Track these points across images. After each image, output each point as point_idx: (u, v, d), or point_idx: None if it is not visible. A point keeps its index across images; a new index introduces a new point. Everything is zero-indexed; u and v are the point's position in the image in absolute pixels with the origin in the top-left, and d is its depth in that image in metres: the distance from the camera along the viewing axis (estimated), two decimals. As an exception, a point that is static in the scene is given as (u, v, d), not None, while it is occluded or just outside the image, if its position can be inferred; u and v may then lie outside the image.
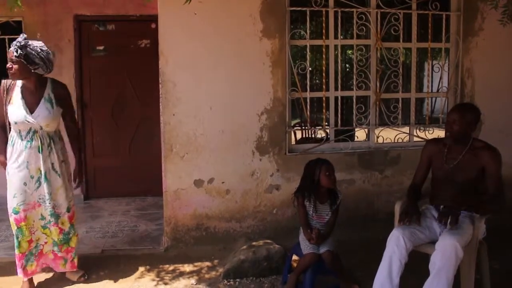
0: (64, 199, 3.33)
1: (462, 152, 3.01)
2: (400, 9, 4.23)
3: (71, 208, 3.38)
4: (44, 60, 3.13)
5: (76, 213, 3.48)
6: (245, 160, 4.07)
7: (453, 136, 3.00)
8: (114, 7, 5.36)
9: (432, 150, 3.18)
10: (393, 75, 4.35)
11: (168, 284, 3.45)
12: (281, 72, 4.04)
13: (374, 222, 4.13)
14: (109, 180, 5.69)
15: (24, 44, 3.06)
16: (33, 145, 3.18)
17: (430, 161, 3.20)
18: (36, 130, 3.18)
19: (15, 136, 3.20)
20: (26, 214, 3.23)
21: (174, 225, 4.05)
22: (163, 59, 3.88)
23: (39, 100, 3.19)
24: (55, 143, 3.28)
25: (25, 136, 3.18)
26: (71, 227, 3.40)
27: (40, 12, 5.24)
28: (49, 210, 3.27)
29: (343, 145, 4.33)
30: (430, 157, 3.19)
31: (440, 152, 3.11)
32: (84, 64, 5.52)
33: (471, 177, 2.98)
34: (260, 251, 3.58)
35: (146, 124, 5.61)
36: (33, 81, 3.18)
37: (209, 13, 3.88)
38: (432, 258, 2.75)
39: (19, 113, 3.14)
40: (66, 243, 3.39)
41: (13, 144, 3.20)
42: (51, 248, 3.38)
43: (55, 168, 3.27)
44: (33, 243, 3.31)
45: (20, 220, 3.22)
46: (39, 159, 3.20)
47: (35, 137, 3.18)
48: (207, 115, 3.97)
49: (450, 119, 3.01)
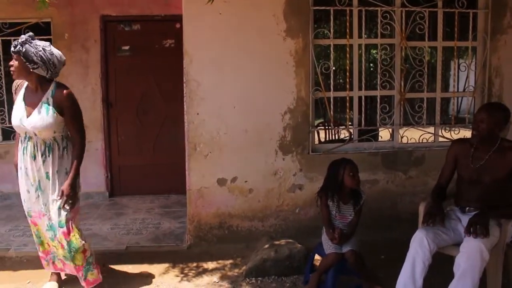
0: (55, 213, 3.03)
1: (489, 152, 2.95)
2: (425, 8, 4.17)
3: (65, 224, 3.03)
4: (44, 61, 2.92)
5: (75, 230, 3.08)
6: (268, 160, 4.08)
7: (480, 135, 2.93)
8: (139, 7, 5.44)
9: (458, 150, 3.12)
10: (418, 74, 4.29)
11: (191, 281, 3.49)
12: (304, 71, 4.03)
13: (397, 223, 4.09)
14: (134, 178, 5.78)
15: (25, 41, 2.90)
16: (28, 151, 3.04)
17: (456, 162, 3.14)
18: (31, 136, 3.02)
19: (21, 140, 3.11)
20: (36, 220, 3.15)
21: (197, 223, 4.09)
22: (187, 59, 3.92)
23: (38, 103, 2.98)
24: (52, 152, 3.03)
25: (23, 141, 3.07)
26: (69, 244, 3.04)
27: (68, 13, 5.34)
28: (47, 222, 3.09)
29: (366, 145, 4.30)
30: (456, 157, 3.13)
31: (467, 152, 3.05)
32: (110, 63, 5.62)
33: (498, 178, 2.92)
34: (282, 250, 3.59)
35: (170, 123, 5.68)
36: (34, 82, 2.99)
37: (234, 12, 3.91)
38: (456, 260, 2.71)
39: (16, 115, 3.01)
40: (71, 260, 3.10)
41: (19, 149, 3.12)
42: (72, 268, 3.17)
43: (49, 178, 3.05)
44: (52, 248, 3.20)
45: (34, 223, 3.18)
46: (33, 166, 3.04)
47: (30, 143, 3.03)
48: (230, 114, 4.00)
49: (477, 118, 2.95)
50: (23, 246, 4.11)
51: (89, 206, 5.40)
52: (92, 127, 5.58)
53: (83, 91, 5.52)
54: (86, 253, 3.14)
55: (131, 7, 5.44)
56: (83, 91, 5.52)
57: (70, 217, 3.05)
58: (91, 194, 5.64)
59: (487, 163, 2.95)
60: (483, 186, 2.95)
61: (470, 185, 3.01)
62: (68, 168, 3.06)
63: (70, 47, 5.42)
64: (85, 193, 5.56)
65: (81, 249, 3.09)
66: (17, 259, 3.88)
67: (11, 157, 5.45)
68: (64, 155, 3.09)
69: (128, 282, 3.48)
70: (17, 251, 3.99)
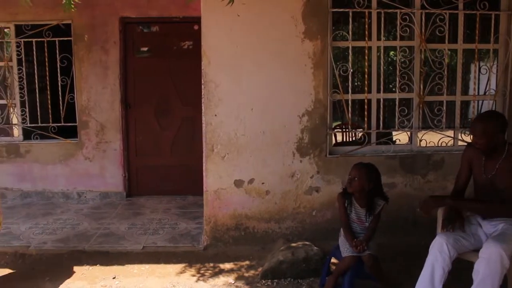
0: None
1: (499, 161, 2.87)
2: (446, 10, 4.12)
3: None
4: None
5: None
6: (286, 161, 4.07)
7: (482, 150, 2.89)
8: (158, 9, 5.48)
9: (472, 156, 3.05)
10: (438, 77, 4.24)
11: (207, 281, 3.50)
12: (322, 73, 4.02)
13: (415, 227, 4.05)
14: (151, 178, 5.83)
15: None
16: None
17: (470, 166, 3.08)
18: None
19: None
20: None
21: (214, 224, 4.10)
22: (205, 60, 3.94)
23: None
24: None
25: None
26: None
27: (88, 15, 5.42)
28: None
29: (384, 148, 4.27)
30: (470, 162, 3.07)
31: (479, 160, 2.98)
32: (129, 65, 5.67)
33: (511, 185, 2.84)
34: (299, 252, 3.58)
35: (188, 124, 5.71)
36: None
37: (252, 14, 3.91)
38: (476, 266, 2.66)
39: None
40: None
41: None
42: None
43: None
44: None
45: None
46: None
47: None
48: (248, 115, 4.00)
49: (474, 134, 2.89)
50: (42, 243, 4.17)
51: (107, 205, 5.47)
52: (111, 127, 5.65)
53: (102, 92, 5.60)
54: None
55: (150, 9, 5.49)
56: (102, 92, 5.60)
57: None
58: (109, 194, 5.70)
59: (498, 172, 2.88)
60: (500, 192, 2.88)
61: (486, 191, 2.95)
62: None
63: (90, 48, 5.50)
64: (103, 193, 5.68)
65: None
66: (37, 257, 3.93)
67: (31, 156, 5.60)
68: None
69: (144, 281, 3.50)
70: (36, 249, 4.06)
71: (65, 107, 5.56)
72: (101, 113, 5.62)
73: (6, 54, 5.54)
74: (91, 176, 5.69)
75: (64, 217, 5.00)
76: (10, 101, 5.58)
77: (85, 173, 5.67)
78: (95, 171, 5.70)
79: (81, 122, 5.65)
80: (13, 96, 5.60)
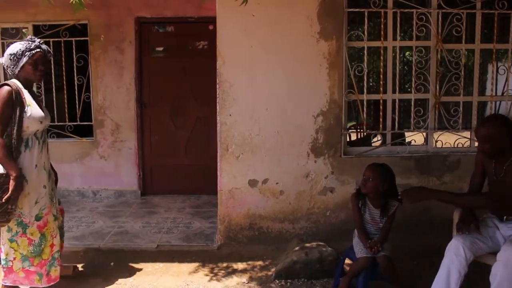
0: (57, 198, 3.33)
1: (506, 163, 2.79)
2: (463, 9, 4.08)
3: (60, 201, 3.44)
4: None
5: None
6: (300, 162, 4.06)
7: (488, 155, 2.84)
8: (173, 9, 5.51)
9: (483, 158, 2.98)
10: (454, 77, 4.19)
11: (220, 281, 3.51)
12: (337, 74, 4.01)
13: (430, 229, 4.01)
14: (166, 177, 5.86)
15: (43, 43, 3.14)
16: (45, 145, 3.17)
17: (483, 168, 3.03)
18: (45, 130, 3.18)
19: (31, 140, 3.04)
20: (47, 218, 3.13)
21: (228, 224, 4.11)
22: (220, 60, 3.95)
23: (41, 103, 3.18)
24: None
25: (41, 136, 3.11)
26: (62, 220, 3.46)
27: (104, 15, 5.47)
28: (55, 206, 3.26)
29: (400, 149, 4.24)
30: (483, 164, 3.02)
31: (490, 163, 2.93)
32: (144, 65, 5.72)
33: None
34: (313, 253, 3.57)
35: (203, 124, 5.74)
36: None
37: (267, 14, 3.92)
38: (493, 269, 2.63)
39: (40, 111, 3.07)
40: (63, 235, 3.44)
41: (29, 148, 3.02)
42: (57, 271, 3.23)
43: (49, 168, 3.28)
44: (55, 247, 3.18)
45: (43, 226, 3.10)
46: (48, 157, 3.23)
47: (45, 137, 3.19)
48: (262, 115, 4.01)
49: (479, 138, 2.83)
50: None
51: (122, 204, 5.52)
52: (126, 126, 5.69)
53: (117, 92, 5.65)
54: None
55: (165, 9, 5.52)
56: (118, 92, 5.64)
57: None
58: (124, 193, 5.75)
59: (506, 175, 2.80)
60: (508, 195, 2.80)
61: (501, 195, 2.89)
62: None
63: (106, 48, 5.55)
64: (117, 191, 5.73)
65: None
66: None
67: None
68: None
69: (158, 280, 3.52)
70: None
71: (81, 106, 5.62)
72: (116, 112, 5.67)
73: (24, 54, 5.60)
74: (106, 175, 5.74)
75: (80, 215, 5.06)
76: (27, 100, 5.65)
77: (100, 171, 5.72)
78: (110, 170, 5.75)
79: (97, 121, 5.70)
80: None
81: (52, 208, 3.17)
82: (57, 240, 3.21)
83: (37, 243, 3.07)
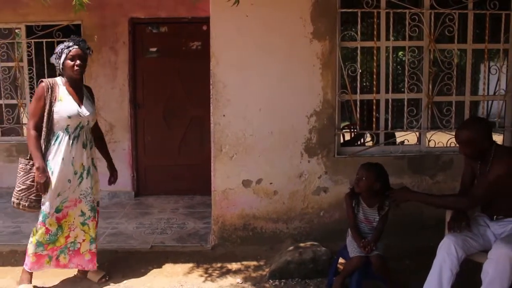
0: (96, 194, 3.44)
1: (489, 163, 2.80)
2: (455, 9, 4.10)
3: (96, 207, 3.45)
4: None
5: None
6: (294, 162, 4.07)
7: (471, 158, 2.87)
8: (167, 10, 5.51)
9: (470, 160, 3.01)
10: (447, 77, 4.22)
11: (215, 281, 3.51)
12: (331, 74, 4.02)
13: (423, 229, 4.02)
14: (159, 178, 5.85)
15: (83, 40, 3.29)
16: (79, 141, 3.24)
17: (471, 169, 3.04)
18: (83, 126, 3.26)
19: (61, 134, 3.19)
20: (68, 211, 3.29)
21: (222, 224, 4.11)
22: (214, 60, 3.95)
23: (82, 96, 3.30)
24: (93, 140, 3.41)
25: (73, 132, 3.21)
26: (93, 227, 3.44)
27: (98, 16, 5.45)
28: (89, 205, 3.35)
29: (393, 148, 4.25)
30: (470, 164, 3.04)
31: (475, 163, 2.94)
32: (138, 65, 5.71)
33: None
34: (307, 253, 3.58)
35: (196, 124, 5.73)
36: (81, 78, 3.34)
37: (260, 15, 3.92)
38: (484, 267, 2.65)
39: (73, 107, 3.20)
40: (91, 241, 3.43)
41: (59, 142, 3.18)
42: (88, 247, 3.40)
43: (94, 164, 3.42)
44: (70, 238, 3.34)
45: (62, 218, 3.27)
46: (83, 154, 3.28)
47: (82, 133, 3.26)
48: (256, 116, 4.01)
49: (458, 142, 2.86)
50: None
51: (115, 205, 5.50)
52: (120, 127, 5.68)
53: (111, 92, 5.63)
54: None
55: (159, 10, 5.52)
56: (111, 92, 5.63)
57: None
58: (117, 193, 5.72)
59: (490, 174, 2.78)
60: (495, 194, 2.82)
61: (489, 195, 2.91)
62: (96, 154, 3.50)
63: (100, 49, 5.53)
64: (111, 192, 5.69)
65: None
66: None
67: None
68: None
69: (152, 281, 3.52)
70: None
71: (75, 107, 5.60)
72: (110, 113, 5.65)
73: (16, 55, 5.59)
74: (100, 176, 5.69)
75: (73, 216, 5.04)
76: (20, 101, 5.65)
77: (94, 172, 5.69)
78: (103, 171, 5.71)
79: (91, 122, 5.68)
80: (24, 96, 5.67)
81: (82, 203, 3.33)
82: (75, 233, 3.35)
83: (53, 232, 3.25)
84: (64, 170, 3.20)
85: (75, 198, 3.31)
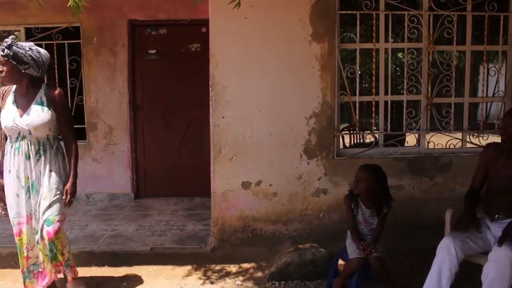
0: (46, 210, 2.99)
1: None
2: (454, 11, 4.11)
3: (52, 223, 2.98)
4: (34, 59, 2.92)
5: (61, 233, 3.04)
6: (293, 163, 4.07)
7: (509, 141, 2.86)
8: (166, 12, 5.51)
9: (491, 155, 3.03)
10: (446, 79, 4.22)
11: (214, 283, 3.51)
12: (330, 75, 4.02)
13: (422, 230, 4.02)
14: (159, 180, 5.85)
15: (11, 44, 2.87)
16: (21, 152, 2.98)
17: (488, 167, 3.05)
18: (25, 135, 2.98)
19: (8, 144, 3.04)
20: (20, 227, 3.04)
21: (221, 226, 4.11)
22: (213, 62, 3.96)
23: (31, 103, 2.99)
24: (45, 151, 3.03)
25: (14, 142, 3.00)
26: (51, 244, 2.99)
27: (97, 18, 5.45)
28: (34, 225, 3.05)
29: (392, 150, 4.26)
30: (488, 162, 3.04)
31: (499, 158, 2.96)
32: (137, 67, 5.71)
33: None
34: (306, 254, 3.58)
35: (195, 126, 5.73)
36: (25, 84, 2.98)
37: (260, 17, 3.92)
38: (484, 269, 2.66)
39: (9, 117, 2.97)
40: (50, 260, 3.07)
41: (7, 153, 3.03)
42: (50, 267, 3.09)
43: (43, 177, 3.02)
44: (31, 259, 3.10)
45: (17, 234, 3.07)
46: (27, 167, 3.00)
47: (23, 143, 2.98)
48: (255, 117, 4.01)
49: (505, 123, 2.88)
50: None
51: (115, 207, 5.50)
52: (119, 129, 5.68)
53: (110, 94, 5.64)
54: (64, 257, 3.10)
55: (158, 12, 5.52)
56: (111, 94, 5.63)
57: (59, 219, 3.02)
58: (117, 195, 5.73)
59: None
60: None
61: (500, 192, 2.93)
62: (61, 168, 3.11)
63: (99, 51, 5.54)
64: (111, 194, 5.71)
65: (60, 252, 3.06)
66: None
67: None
68: (57, 154, 3.10)
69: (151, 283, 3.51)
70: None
71: (74, 109, 5.59)
72: (109, 115, 5.66)
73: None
74: (99, 178, 5.72)
75: (73, 218, 5.02)
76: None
77: (93, 174, 5.69)
78: (103, 173, 5.74)
79: (90, 124, 5.69)
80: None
81: (32, 220, 3.04)
82: (34, 253, 3.10)
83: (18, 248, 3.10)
84: (12, 183, 3.02)
85: (27, 214, 3.03)
